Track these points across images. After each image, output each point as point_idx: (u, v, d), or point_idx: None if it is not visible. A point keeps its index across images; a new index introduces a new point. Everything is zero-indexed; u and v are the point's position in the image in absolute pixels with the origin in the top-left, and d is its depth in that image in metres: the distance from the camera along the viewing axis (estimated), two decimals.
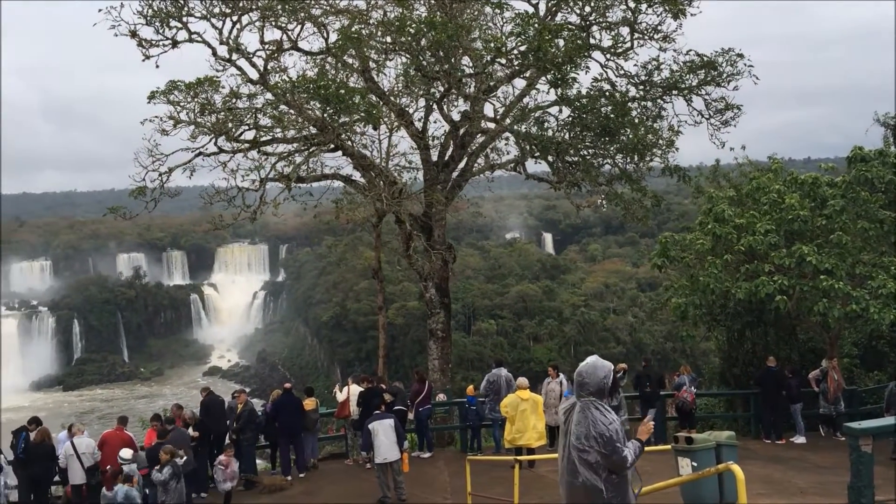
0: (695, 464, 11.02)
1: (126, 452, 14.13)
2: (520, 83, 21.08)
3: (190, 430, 16.11)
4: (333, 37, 20.00)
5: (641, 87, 21.00)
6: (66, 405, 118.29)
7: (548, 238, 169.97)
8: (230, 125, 19.49)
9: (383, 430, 14.62)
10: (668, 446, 12.30)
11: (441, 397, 19.54)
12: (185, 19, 19.16)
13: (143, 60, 19.22)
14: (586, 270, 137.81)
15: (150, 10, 18.76)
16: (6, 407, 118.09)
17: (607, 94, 20.16)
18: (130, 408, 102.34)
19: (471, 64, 20.66)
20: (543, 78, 19.85)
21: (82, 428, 16.37)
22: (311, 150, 19.93)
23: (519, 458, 13.19)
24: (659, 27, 20.49)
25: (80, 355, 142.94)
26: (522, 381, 16.46)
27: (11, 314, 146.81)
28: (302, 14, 19.82)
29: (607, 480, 6.34)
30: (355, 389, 17.82)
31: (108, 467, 14.93)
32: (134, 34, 18.81)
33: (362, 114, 18.39)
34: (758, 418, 19.42)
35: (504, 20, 20.21)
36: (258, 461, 18.97)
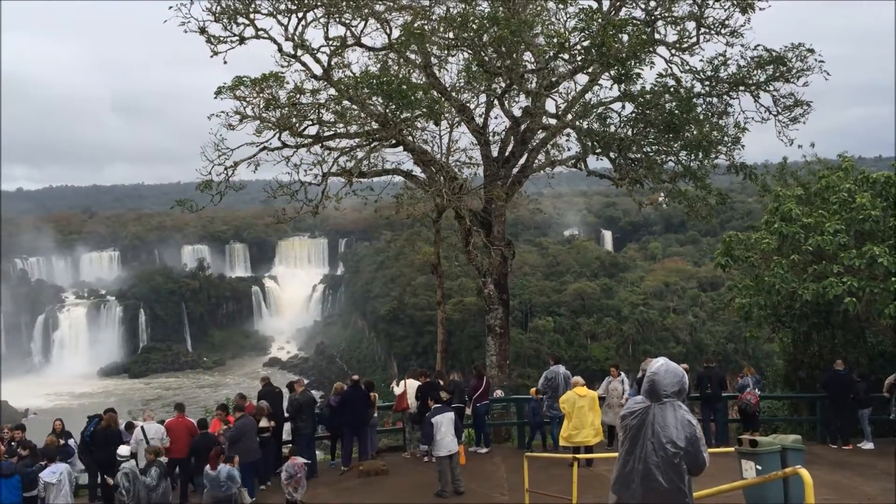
0: (759, 467, 10.78)
1: (123, 450, 14.26)
2: (582, 79, 20.92)
3: (264, 422, 16.41)
4: (396, 33, 20.13)
5: (707, 82, 20.64)
6: (133, 392, 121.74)
7: (607, 235, 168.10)
8: (294, 120, 19.79)
9: (445, 424, 14.74)
10: (731, 448, 12.07)
11: (499, 393, 19.53)
12: (251, 16, 19.50)
13: (212, 56, 19.62)
14: (646, 269, 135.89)
15: (218, 7, 19.16)
16: (77, 393, 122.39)
17: (672, 89, 19.85)
18: (195, 396, 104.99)
19: (533, 59, 20.58)
20: (606, 73, 19.63)
21: (152, 414, 16.83)
22: (372, 145, 20.11)
23: (578, 455, 13.12)
24: (726, 22, 20.11)
25: (145, 344, 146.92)
26: (578, 378, 16.44)
27: (81, 302, 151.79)
28: (366, 10, 19.98)
29: (688, 483, 6.31)
30: (412, 384, 17.94)
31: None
32: (203, 31, 19.21)
33: (424, 109, 18.47)
34: (824, 423, 18.90)
35: (567, 15, 20.07)
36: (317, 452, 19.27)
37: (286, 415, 17.53)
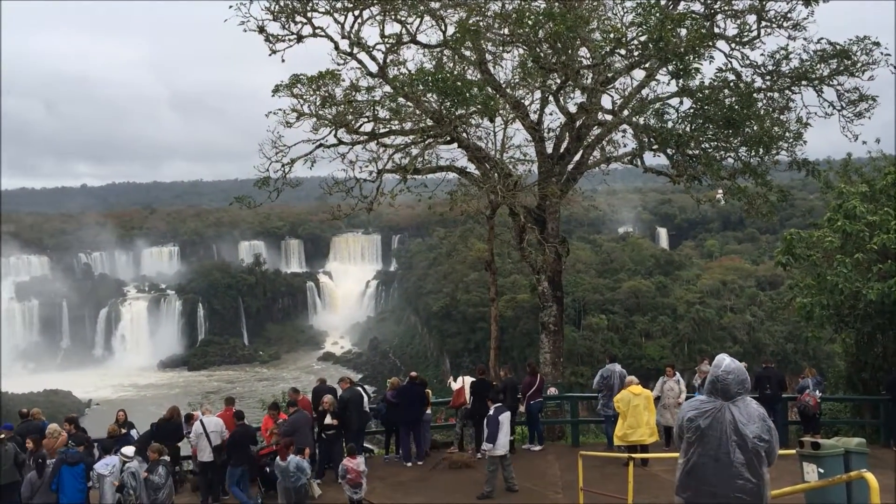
0: (821, 470, 10.55)
1: (128, 450, 14.26)
2: (639, 74, 20.63)
3: (328, 419, 16.60)
4: (451, 30, 20.14)
5: (768, 77, 20.20)
6: (194, 384, 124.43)
7: (662, 233, 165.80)
8: (350, 117, 19.96)
9: (506, 423, 14.77)
10: (791, 451, 11.83)
11: (552, 391, 19.44)
12: (309, 14, 19.73)
13: (270, 55, 19.91)
14: (702, 267, 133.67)
15: (276, 6, 19.42)
16: (142, 384, 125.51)
17: (731, 84, 19.47)
18: (252, 389, 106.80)
19: (588, 55, 20.39)
20: (664, 68, 19.33)
21: (210, 408, 17.17)
22: (427, 142, 20.18)
23: (633, 455, 12.99)
24: (789, 15, 19.63)
25: (203, 337, 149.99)
26: (632, 378, 16.25)
27: (142, 296, 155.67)
28: (421, 7, 20.06)
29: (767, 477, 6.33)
30: (470, 380, 17.98)
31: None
32: (262, 29, 19.50)
33: (479, 106, 18.47)
34: (888, 426, 18.36)
35: (624, 10, 19.83)
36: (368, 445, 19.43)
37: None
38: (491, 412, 14.86)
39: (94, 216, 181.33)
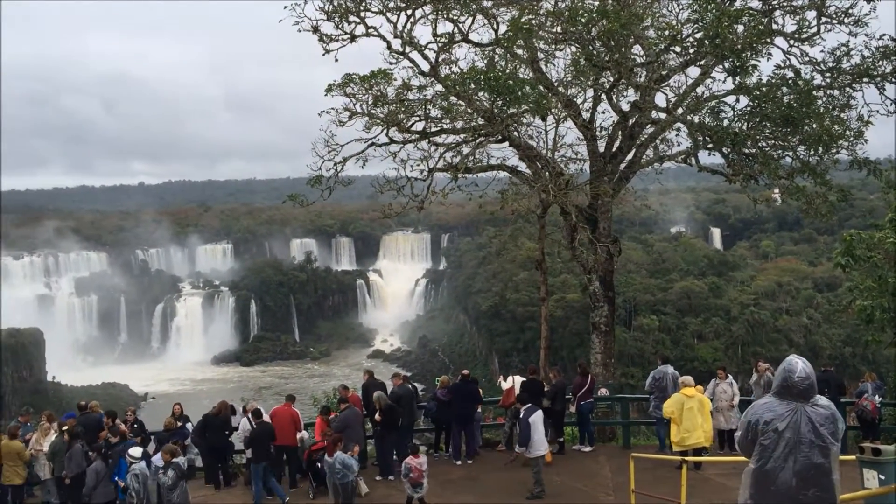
0: (882, 476, 10.28)
1: (136, 451, 14.30)
2: (694, 72, 20.30)
3: (377, 416, 16.73)
4: (503, 28, 20.08)
5: (828, 74, 19.68)
6: (248, 380, 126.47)
7: (716, 233, 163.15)
8: (401, 116, 20.02)
9: (540, 423, 14.72)
10: (850, 457, 11.53)
11: (603, 392, 19.27)
12: (362, 14, 19.85)
13: (324, 55, 20.07)
14: (757, 268, 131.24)
15: (330, 6, 19.57)
16: (198, 378, 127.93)
17: (790, 82, 19.02)
18: (304, 386, 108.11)
19: (642, 53, 20.15)
20: (720, 66, 19.01)
21: (254, 404, 17.36)
22: (478, 140, 20.15)
23: (687, 458, 12.79)
24: (850, 10, 19.10)
25: (256, 333, 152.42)
26: (688, 379, 15.88)
27: (196, 292, 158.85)
28: (473, 6, 20.02)
29: None
30: (520, 380, 17.95)
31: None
32: (316, 29, 19.67)
33: (531, 105, 18.37)
34: None
35: (679, 7, 19.54)
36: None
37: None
38: (521, 414, 14.84)
39: (150, 214, 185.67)
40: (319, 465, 15.50)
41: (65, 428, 16.38)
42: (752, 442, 6.45)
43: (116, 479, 14.92)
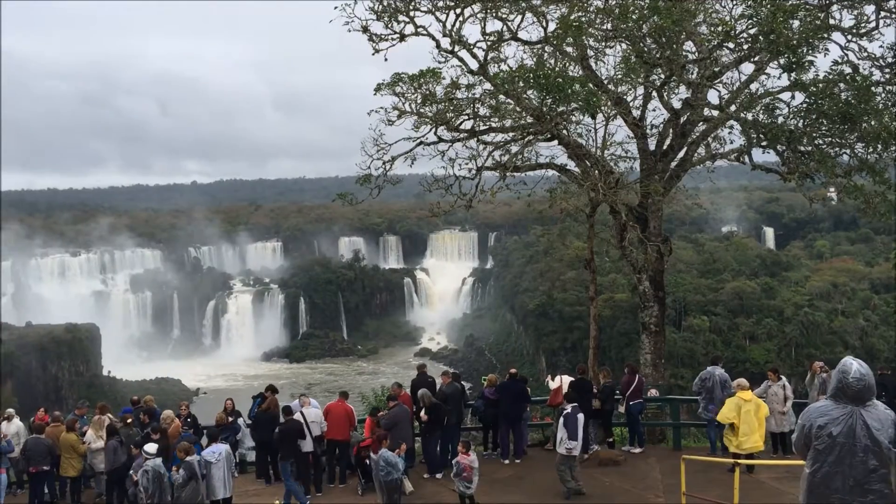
0: None
1: (150, 447, 14.30)
2: (748, 68, 19.94)
3: (422, 414, 16.78)
4: (552, 26, 19.97)
5: (887, 69, 19.16)
6: (298, 376, 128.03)
7: (769, 232, 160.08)
8: (450, 115, 20.06)
9: (581, 423, 14.64)
10: None
11: (653, 392, 19.04)
12: (411, 13, 19.92)
13: (373, 54, 20.19)
14: (811, 268, 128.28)
15: (380, 6, 19.68)
16: (250, 374, 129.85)
17: (848, 78, 18.55)
18: (352, 383, 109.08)
19: (695, 49, 19.86)
20: (775, 62, 18.62)
21: (309, 399, 17.56)
22: (527, 139, 20.08)
23: (739, 461, 12.55)
24: None
25: (304, 330, 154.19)
26: (742, 381, 15.53)
27: (247, 290, 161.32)
28: (522, 4, 19.94)
29: None
30: (568, 379, 17.85)
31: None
32: (365, 29, 19.81)
33: (580, 102, 18.24)
34: None
35: (733, 2, 19.22)
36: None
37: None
38: (569, 410, 14.82)
39: (202, 212, 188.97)
40: (368, 461, 15.60)
41: (107, 423, 16.77)
42: (806, 446, 6.32)
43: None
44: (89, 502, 17.15)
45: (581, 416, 14.70)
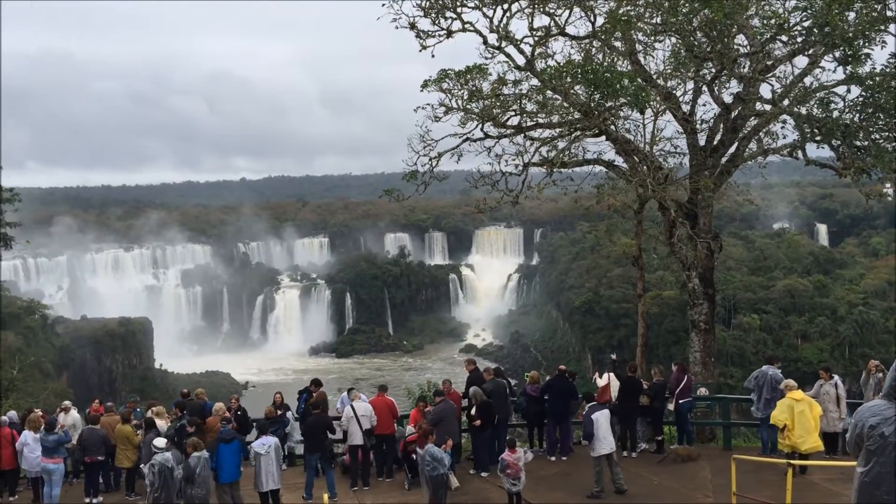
0: None
1: (159, 442, 14.29)
2: (801, 61, 19.50)
3: (472, 412, 16.82)
4: (600, 20, 19.79)
5: None
6: (346, 371, 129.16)
7: (822, 229, 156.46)
8: (497, 111, 20.04)
9: (604, 421, 14.51)
10: None
11: (703, 391, 18.79)
12: (458, 10, 19.92)
13: (420, 51, 20.22)
14: (866, 266, 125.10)
15: (427, 3, 19.72)
16: (300, 368, 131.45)
17: None
18: (399, 378, 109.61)
19: (746, 42, 19.50)
20: (830, 55, 18.21)
21: (359, 393, 17.71)
22: (574, 135, 19.96)
23: (792, 461, 12.30)
24: None
25: (351, 326, 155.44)
26: (790, 382, 15.20)
27: (294, 285, 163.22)
28: None
29: None
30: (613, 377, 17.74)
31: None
32: (413, 26, 19.86)
33: (629, 98, 18.04)
34: None
35: None
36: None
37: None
38: (585, 410, 14.80)
39: (251, 208, 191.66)
40: (414, 456, 15.69)
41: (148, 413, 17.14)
42: (858, 446, 6.17)
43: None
44: (143, 493, 17.53)
45: (597, 415, 14.59)
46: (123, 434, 16.87)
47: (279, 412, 17.99)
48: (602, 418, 14.62)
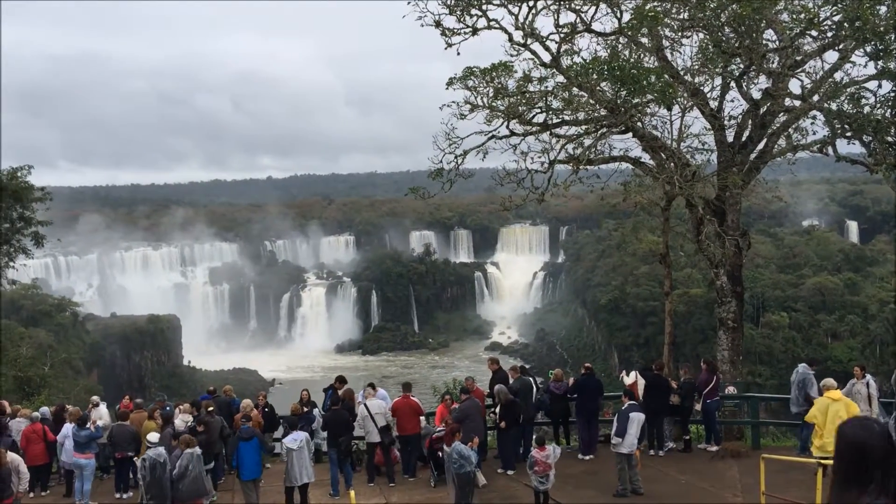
0: None
1: (153, 437, 14.43)
2: (832, 56, 19.23)
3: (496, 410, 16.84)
4: (627, 16, 19.65)
5: None
6: (373, 368, 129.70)
7: (852, 226, 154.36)
8: (522, 108, 19.96)
9: (637, 423, 14.44)
10: None
11: (731, 390, 18.62)
12: (484, 7, 19.88)
13: (446, 48, 20.21)
14: None
15: (452, 0, 19.70)
16: (328, 366, 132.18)
17: None
18: (425, 376, 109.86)
19: (775, 37, 19.27)
20: (861, 50, 17.93)
21: (373, 392, 17.72)
22: (601, 132, 19.84)
23: (823, 461, 12.12)
24: None
25: (376, 323, 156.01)
26: (829, 381, 14.95)
27: (320, 283, 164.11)
28: None
29: None
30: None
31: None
32: (438, 24, 19.86)
33: (656, 94, 17.91)
34: None
35: None
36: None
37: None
38: (624, 407, 14.79)
39: (277, 206, 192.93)
40: (440, 454, 15.71)
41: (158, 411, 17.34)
42: None
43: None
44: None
45: (635, 416, 14.52)
46: (150, 431, 17.05)
47: (305, 409, 18.11)
48: (635, 420, 14.57)
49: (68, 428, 16.86)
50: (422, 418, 17.44)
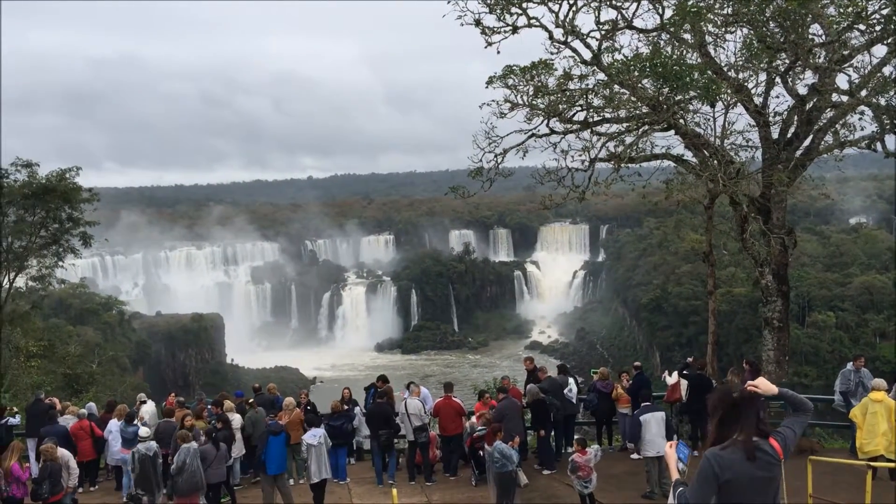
0: None
1: (144, 431, 14.46)
2: (880, 50, 18.78)
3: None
4: (669, 12, 19.42)
5: None
6: (414, 367, 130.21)
7: None
8: (562, 106, 19.84)
9: (656, 423, 14.25)
10: None
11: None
12: (524, 5, 19.81)
13: (486, 47, 20.16)
14: None
15: None
16: (371, 365, 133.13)
17: None
18: (466, 375, 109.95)
19: (821, 32, 18.90)
20: None
21: (417, 390, 17.77)
22: (642, 129, 19.63)
23: (873, 464, 11.87)
24: None
25: (416, 322, 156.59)
26: (878, 382, 14.59)
27: (360, 282, 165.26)
28: None
29: None
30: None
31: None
32: (478, 22, 19.84)
33: (699, 91, 17.68)
34: None
35: None
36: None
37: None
38: (624, 410, 14.80)
39: (318, 206, 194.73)
40: (482, 453, 15.70)
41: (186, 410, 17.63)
42: None
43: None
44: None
45: (648, 418, 14.35)
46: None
47: (346, 407, 18.23)
48: (652, 420, 14.38)
49: (114, 424, 17.19)
50: (464, 419, 17.45)
